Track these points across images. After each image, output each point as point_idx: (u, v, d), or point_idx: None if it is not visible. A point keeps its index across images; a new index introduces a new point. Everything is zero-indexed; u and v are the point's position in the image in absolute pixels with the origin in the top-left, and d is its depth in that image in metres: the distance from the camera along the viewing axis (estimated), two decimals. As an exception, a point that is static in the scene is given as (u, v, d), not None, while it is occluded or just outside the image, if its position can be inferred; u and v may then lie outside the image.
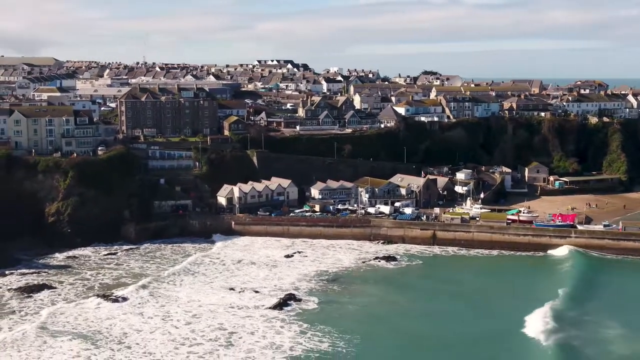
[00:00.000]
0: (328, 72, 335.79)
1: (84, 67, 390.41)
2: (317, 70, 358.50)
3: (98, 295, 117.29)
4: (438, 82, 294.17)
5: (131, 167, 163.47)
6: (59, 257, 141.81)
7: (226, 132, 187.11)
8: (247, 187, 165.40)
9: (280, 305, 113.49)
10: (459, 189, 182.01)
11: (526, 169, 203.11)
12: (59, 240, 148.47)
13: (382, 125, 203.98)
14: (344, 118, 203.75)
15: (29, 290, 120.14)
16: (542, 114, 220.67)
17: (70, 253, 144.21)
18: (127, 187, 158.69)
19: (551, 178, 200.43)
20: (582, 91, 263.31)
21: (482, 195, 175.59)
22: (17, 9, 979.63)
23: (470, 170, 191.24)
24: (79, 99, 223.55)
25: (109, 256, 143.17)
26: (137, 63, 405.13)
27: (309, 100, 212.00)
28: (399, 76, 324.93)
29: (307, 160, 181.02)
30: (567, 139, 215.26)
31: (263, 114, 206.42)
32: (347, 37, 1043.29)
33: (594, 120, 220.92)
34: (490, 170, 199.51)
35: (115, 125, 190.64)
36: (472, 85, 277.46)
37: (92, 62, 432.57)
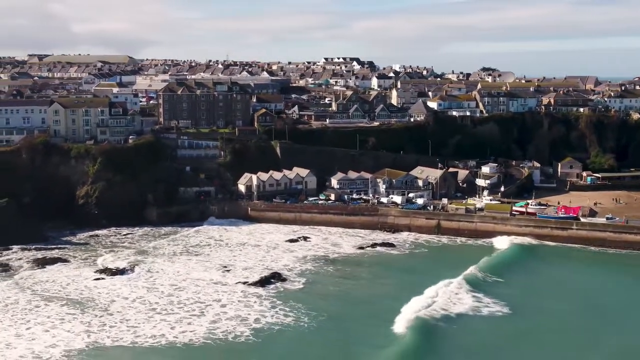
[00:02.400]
0: (384, 69, 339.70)
1: (158, 65, 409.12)
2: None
3: (101, 269, 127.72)
4: (490, 79, 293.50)
5: (159, 155, 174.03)
6: (82, 236, 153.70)
7: (255, 124, 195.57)
8: (265, 176, 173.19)
9: (262, 282, 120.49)
10: (481, 182, 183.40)
11: (559, 164, 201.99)
12: (86, 220, 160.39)
13: (412, 119, 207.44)
14: (375, 112, 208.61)
15: (45, 262, 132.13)
16: (581, 109, 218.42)
17: (94, 233, 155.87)
18: (153, 173, 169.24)
19: (584, 174, 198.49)
20: (637, 87, 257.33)
21: (502, 189, 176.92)
22: (117, 10, 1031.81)
23: (495, 164, 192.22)
24: (134, 92, 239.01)
25: (127, 236, 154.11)
26: (210, 61, 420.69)
27: (341, 94, 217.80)
28: (452, 72, 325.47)
29: (331, 152, 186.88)
30: (607, 135, 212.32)
31: (295, 107, 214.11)
32: (442, 35, 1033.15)
33: (635, 116, 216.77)
34: (521, 165, 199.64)
35: (155, 117, 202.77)
36: (523, 82, 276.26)
37: (169, 60, 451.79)
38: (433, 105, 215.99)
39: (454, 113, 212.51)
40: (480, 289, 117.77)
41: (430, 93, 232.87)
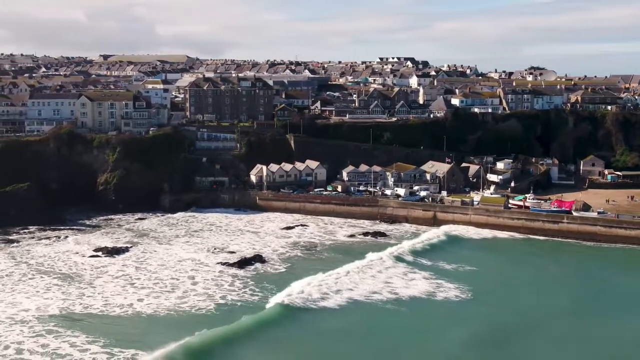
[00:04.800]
0: (429, 67, 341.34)
1: (215, 64, 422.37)
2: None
3: (99, 248, 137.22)
4: (530, 77, 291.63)
5: (177, 146, 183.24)
6: (97, 219, 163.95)
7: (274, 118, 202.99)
8: (275, 167, 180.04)
9: (241, 263, 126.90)
10: (493, 177, 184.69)
11: (581, 162, 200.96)
12: (105, 206, 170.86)
13: (431, 115, 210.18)
14: (395, 108, 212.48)
15: (50, 240, 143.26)
16: (609, 107, 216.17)
17: (109, 217, 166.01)
18: (170, 163, 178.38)
19: (606, 171, 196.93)
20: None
21: (512, 184, 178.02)
22: (202, 13, 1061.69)
23: (511, 160, 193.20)
24: (174, 88, 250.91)
25: (137, 220, 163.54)
26: (267, 60, 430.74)
27: (364, 90, 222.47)
28: (495, 71, 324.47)
29: (344, 146, 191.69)
30: (634, 133, 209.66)
31: (318, 103, 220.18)
32: (525, 36, 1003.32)
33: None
34: (540, 162, 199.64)
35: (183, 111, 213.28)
36: (563, 80, 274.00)
37: (229, 60, 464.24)
38: (455, 101, 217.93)
39: (476, 110, 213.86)
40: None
41: (457, 90, 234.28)
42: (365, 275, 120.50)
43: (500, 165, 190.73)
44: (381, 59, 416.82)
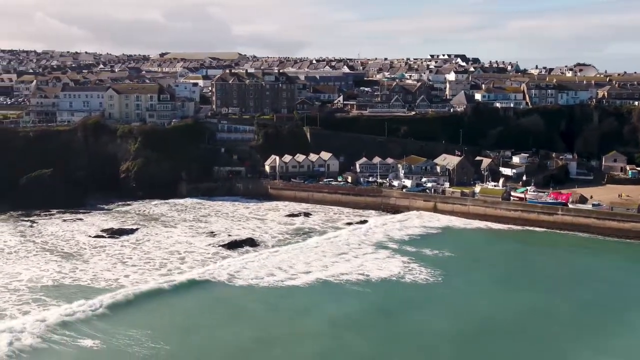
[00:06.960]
0: (472, 64, 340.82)
1: (261, 62, 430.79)
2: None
3: (105, 229, 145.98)
4: (570, 74, 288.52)
5: (197, 137, 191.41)
6: (115, 204, 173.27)
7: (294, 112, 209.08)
8: (288, 158, 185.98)
9: (232, 245, 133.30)
10: (507, 171, 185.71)
11: (603, 158, 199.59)
12: (126, 192, 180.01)
13: (452, 110, 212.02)
14: (416, 102, 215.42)
15: (63, 221, 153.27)
16: (636, 102, 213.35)
17: (127, 202, 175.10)
18: (189, 153, 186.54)
19: (628, 167, 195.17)
20: None
21: (524, 178, 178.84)
22: (274, 13, 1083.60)
23: (527, 155, 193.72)
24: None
25: (153, 206, 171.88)
26: (318, 59, 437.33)
27: (386, 85, 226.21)
28: (536, 67, 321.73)
29: (360, 138, 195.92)
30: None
31: (340, 97, 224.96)
32: (605, 35, 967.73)
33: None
34: (560, 157, 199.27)
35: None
36: (602, 76, 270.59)
37: (286, 57, 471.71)
38: (477, 96, 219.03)
39: (498, 104, 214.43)
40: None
41: (483, 85, 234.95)
42: (340, 259, 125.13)
43: (515, 159, 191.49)
44: (432, 56, 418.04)
